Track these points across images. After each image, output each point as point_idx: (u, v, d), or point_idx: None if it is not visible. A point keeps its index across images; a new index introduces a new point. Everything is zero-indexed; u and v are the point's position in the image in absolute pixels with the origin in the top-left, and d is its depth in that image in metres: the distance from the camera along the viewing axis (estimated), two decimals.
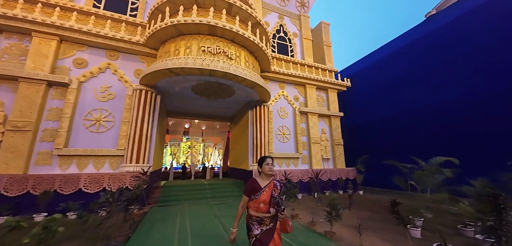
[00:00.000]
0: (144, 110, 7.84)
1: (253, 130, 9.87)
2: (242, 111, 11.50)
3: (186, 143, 23.46)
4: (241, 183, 10.01)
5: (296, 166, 10.88)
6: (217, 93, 8.84)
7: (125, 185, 7.00)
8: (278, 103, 11.29)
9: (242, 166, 10.60)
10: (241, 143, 11.30)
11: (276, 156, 10.33)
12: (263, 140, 9.62)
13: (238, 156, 11.89)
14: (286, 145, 10.92)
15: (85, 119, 7.44)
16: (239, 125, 12.06)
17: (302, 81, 11.93)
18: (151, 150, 8.01)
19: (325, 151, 11.87)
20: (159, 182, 10.30)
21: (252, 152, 9.68)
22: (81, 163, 7.10)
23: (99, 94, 7.81)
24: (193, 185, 9.39)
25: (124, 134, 7.66)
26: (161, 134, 10.29)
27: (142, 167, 7.27)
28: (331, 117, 12.57)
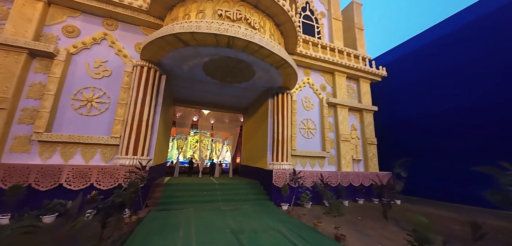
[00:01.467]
0: (146, 91, 6.40)
1: (274, 122, 8.23)
2: (259, 100, 9.87)
3: (193, 137, 22.29)
4: (257, 185, 8.41)
5: (322, 167, 9.13)
6: (233, 75, 7.26)
7: (117, 181, 5.60)
8: (302, 92, 9.56)
9: (258, 164, 9.00)
10: (258, 138, 9.70)
11: (299, 154, 8.64)
12: (285, 134, 7.96)
13: (253, 152, 10.30)
14: (311, 141, 9.20)
15: (74, 99, 6.10)
16: (255, 117, 10.45)
17: (331, 68, 10.12)
18: (152, 139, 6.58)
19: (356, 151, 10.03)
20: (163, 178, 8.92)
21: (272, 148, 8.04)
22: (67, 151, 5.77)
23: (92, 70, 6.45)
24: (201, 184, 7.91)
25: (120, 119, 6.26)
26: (166, 123, 8.88)
27: (140, 160, 5.84)
28: (363, 111, 10.67)
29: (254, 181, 8.97)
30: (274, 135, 8.06)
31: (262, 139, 8.96)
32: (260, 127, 9.35)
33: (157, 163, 7.32)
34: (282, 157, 7.79)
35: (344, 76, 10.58)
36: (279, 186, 7.40)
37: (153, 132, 6.65)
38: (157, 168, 7.32)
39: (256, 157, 9.54)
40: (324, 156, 9.19)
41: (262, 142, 8.82)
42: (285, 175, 7.58)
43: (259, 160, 9.03)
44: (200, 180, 9.52)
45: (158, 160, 7.68)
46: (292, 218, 5.73)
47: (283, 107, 8.24)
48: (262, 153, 8.67)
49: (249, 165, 10.71)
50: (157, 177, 7.40)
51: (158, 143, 7.17)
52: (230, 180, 9.81)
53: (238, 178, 10.84)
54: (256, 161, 9.49)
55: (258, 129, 9.77)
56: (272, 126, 8.31)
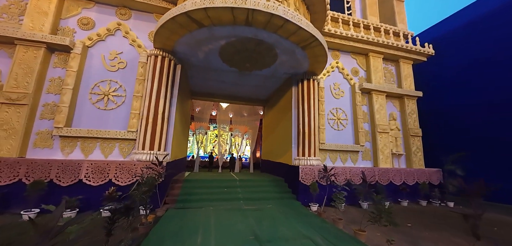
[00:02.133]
0: (161, 82, 5.97)
1: (298, 113, 7.30)
2: (281, 90, 8.96)
3: (213, 132, 22.31)
4: (280, 182, 7.65)
5: (355, 163, 7.98)
6: (253, 60, 6.46)
7: (135, 177, 5.31)
8: (330, 78, 8.39)
9: (282, 159, 8.20)
10: (280, 131, 8.86)
11: (328, 148, 7.60)
12: (312, 126, 6.99)
13: (274, 146, 9.52)
14: (341, 133, 8.06)
15: (92, 93, 5.94)
16: (276, 109, 9.60)
17: (364, 49, 8.70)
18: (169, 133, 6.19)
19: (396, 144, 8.59)
20: (183, 174, 8.68)
21: (297, 141, 7.15)
22: (86, 146, 5.64)
23: (108, 62, 6.21)
24: (221, 180, 7.42)
25: (136, 112, 5.96)
26: (183, 117, 8.54)
27: (157, 155, 5.47)
28: (404, 98, 9.09)
29: (277, 177, 8.21)
30: (299, 127, 7.14)
31: (285, 131, 8.10)
32: (283, 119, 8.49)
33: (175, 158, 6.99)
34: (309, 151, 6.87)
35: (380, 57, 9.06)
36: (306, 183, 6.53)
37: (170, 125, 6.25)
38: (175, 163, 7.00)
39: (279, 151, 8.74)
40: (358, 150, 7.99)
41: (285, 135, 7.97)
42: (313, 172, 6.68)
43: (282, 155, 8.22)
44: (220, 175, 9.09)
45: (176, 154, 7.35)
46: (325, 223, 4.86)
47: (309, 96, 7.24)
48: (286, 147, 7.84)
49: (270, 160, 9.97)
50: (175, 172, 7.08)
51: (175, 137, 6.80)
52: (251, 175, 9.21)
53: (259, 174, 10.20)
54: (278, 156, 8.70)
55: (280, 121, 8.92)
56: (296, 117, 7.39)
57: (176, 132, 6.89)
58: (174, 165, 6.87)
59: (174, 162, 6.87)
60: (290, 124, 7.56)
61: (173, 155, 6.55)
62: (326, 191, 5.99)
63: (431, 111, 10.34)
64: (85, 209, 4.87)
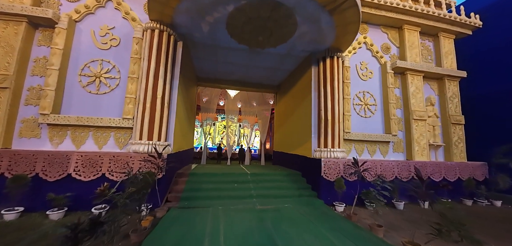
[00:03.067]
0: (159, 61, 5.08)
1: (319, 97, 6.22)
2: (297, 71, 7.84)
3: (221, 123, 21.61)
4: (297, 176, 6.72)
5: (385, 156, 6.85)
6: (267, 33, 5.37)
7: (132, 171, 4.56)
8: (357, 57, 7.13)
9: (298, 150, 7.22)
10: (295, 119, 7.83)
11: (354, 137, 6.50)
12: (336, 112, 5.91)
13: (289, 136, 8.53)
14: (369, 121, 6.90)
15: (81, 75, 5.16)
16: (291, 94, 8.51)
17: (398, 19, 7.28)
18: (170, 121, 5.36)
19: (433, 134, 7.32)
20: (190, 166, 7.97)
21: (318, 130, 6.13)
22: (78, 136, 4.94)
23: (99, 38, 5.37)
24: (231, 174, 6.60)
25: (131, 96, 5.14)
26: (188, 103, 7.69)
27: (156, 146, 4.68)
28: (444, 79, 7.67)
29: (293, 171, 7.28)
30: (320, 114, 6.08)
31: (302, 119, 7.07)
32: (299, 105, 7.42)
33: (179, 149, 6.21)
34: (333, 141, 5.83)
35: (416, 30, 7.61)
36: (330, 179, 5.56)
37: (171, 112, 5.41)
38: (179, 155, 6.22)
39: (294, 141, 7.76)
40: (388, 141, 6.83)
41: (303, 123, 6.94)
42: (338, 166, 5.67)
43: (298, 146, 7.24)
44: (229, 168, 8.29)
45: (180, 145, 6.57)
46: (360, 230, 3.91)
47: (332, 77, 6.10)
48: (303, 137, 6.83)
49: (284, 152, 9.03)
50: (179, 165, 6.32)
51: (178, 126, 5.98)
52: (263, 169, 8.34)
53: (271, 167, 9.32)
54: (294, 147, 7.72)
55: (295, 108, 7.86)
56: (316, 102, 6.31)
57: (179, 120, 6.06)
58: (178, 157, 6.10)
59: (178, 154, 6.09)
60: (308, 111, 6.50)
61: (176, 145, 5.76)
62: (357, 189, 4.98)
63: (473, 96, 8.82)
64: (75, 208, 4.22)
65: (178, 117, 5.89)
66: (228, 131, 14.77)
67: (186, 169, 6.79)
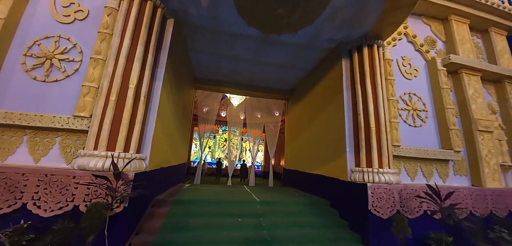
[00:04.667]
0: (136, 37, 3.57)
1: (354, 97, 4.63)
2: (319, 69, 6.33)
3: (222, 136, 19.96)
4: (325, 206, 4.86)
5: (445, 180, 5.02)
6: (289, 8, 3.90)
7: (73, 200, 2.84)
8: (396, 51, 5.62)
9: (324, 170, 5.43)
10: (318, 128, 6.15)
11: (405, 153, 4.74)
12: (381, 117, 4.24)
13: (308, 151, 6.76)
14: (420, 131, 5.18)
15: (27, 55, 3.63)
16: (310, 98, 6.93)
17: (443, 8, 5.90)
18: (148, 124, 3.71)
19: (501, 151, 5.54)
20: (180, 187, 6.15)
21: (355, 142, 4.43)
22: (4, 142, 3.28)
23: (60, 9, 3.92)
24: (233, 202, 4.75)
25: (91, 85, 3.53)
26: (180, 105, 6.09)
27: (117, 158, 2.98)
28: (504, 81, 6.07)
29: (317, 198, 5.41)
30: (358, 120, 4.41)
31: (329, 128, 5.39)
32: (323, 110, 5.78)
33: (161, 164, 4.47)
34: (380, 159, 4.08)
35: (465, 23, 6.19)
36: (382, 216, 3.72)
37: (151, 111, 3.78)
38: (160, 174, 4.46)
39: (316, 158, 6.00)
40: (447, 159, 5.04)
41: (330, 134, 5.25)
42: (391, 195, 3.86)
43: (323, 163, 5.46)
44: (230, 191, 6.39)
45: (165, 159, 4.84)
46: None
47: (373, 70, 4.53)
48: (331, 152, 5.10)
49: (298, 170, 7.21)
50: (159, 188, 4.52)
51: (162, 133, 4.31)
52: (274, 193, 6.45)
53: (284, 190, 7.40)
54: (315, 165, 5.94)
55: (317, 114, 6.22)
56: (350, 105, 4.69)
57: (164, 125, 4.41)
58: (159, 176, 4.34)
59: (159, 172, 4.33)
60: (338, 117, 4.85)
61: (157, 159, 4.04)
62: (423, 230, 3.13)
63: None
64: None
65: (163, 121, 4.25)
66: (229, 145, 13.01)
67: (172, 193, 4.97)
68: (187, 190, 5.67)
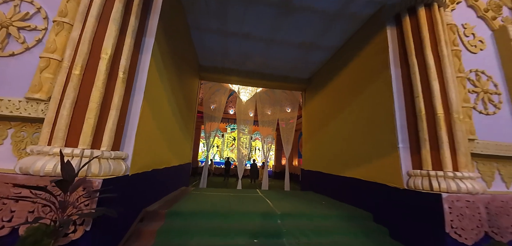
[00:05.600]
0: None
1: (404, 75, 3.44)
2: (350, 45, 5.15)
3: (230, 134, 19.05)
4: (368, 222, 3.69)
5: None
6: None
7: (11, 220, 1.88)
8: (454, 16, 4.33)
9: (362, 172, 4.25)
10: (348, 120, 4.97)
11: (481, 149, 3.47)
12: (452, 98, 3.01)
13: (335, 148, 5.58)
14: (492, 121, 3.87)
15: None
16: (336, 84, 5.76)
17: None
18: (132, 109, 2.74)
19: None
20: (182, 191, 5.20)
21: (410, 134, 3.24)
22: None
23: None
24: (245, 213, 3.71)
25: (52, 56, 2.61)
26: (180, 93, 5.11)
27: (75, 157, 2.02)
28: None
29: (351, 207, 4.23)
30: (418, 105, 3.20)
31: (366, 118, 4.22)
32: (358, 96, 4.60)
33: (154, 165, 3.49)
34: (454, 158, 2.87)
35: None
36: (466, 242, 2.52)
37: (135, 93, 2.80)
38: (153, 177, 3.48)
39: (348, 157, 4.82)
40: None
41: (369, 125, 4.09)
42: (476, 211, 2.65)
43: (360, 164, 4.28)
44: (242, 198, 5.29)
45: (161, 159, 3.87)
46: None
47: (436, 37, 3.34)
48: (371, 149, 3.93)
49: (321, 172, 6.05)
50: (150, 197, 3.53)
51: (157, 125, 3.34)
52: (295, 201, 5.28)
53: (305, 196, 6.20)
54: (348, 166, 4.76)
55: (348, 102, 5.03)
56: (401, 84, 3.51)
57: (160, 115, 3.44)
58: (150, 180, 3.36)
59: (150, 175, 3.34)
60: (383, 102, 3.69)
61: (146, 158, 3.07)
62: None
63: None
64: None
65: (156, 109, 3.27)
66: (238, 144, 12.03)
67: (169, 201, 4.00)
68: (189, 196, 4.69)
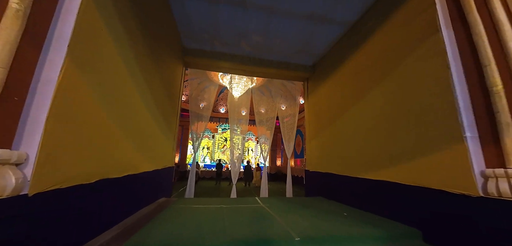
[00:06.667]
0: None
1: (461, 39, 2.47)
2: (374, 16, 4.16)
3: (221, 135, 17.74)
4: (414, 241, 2.67)
5: None
6: None
7: None
8: None
9: (397, 174, 3.22)
10: (374, 107, 3.96)
11: None
12: None
13: (358, 145, 4.52)
14: None
15: None
16: (352, 67, 4.75)
17: None
18: (43, 74, 1.51)
19: None
20: (166, 201, 3.93)
21: (479, 119, 2.23)
22: None
23: None
24: (249, 242, 2.54)
25: None
26: (156, 75, 3.85)
27: None
28: None
29: (387, 221, 3.18)
30: (490, 76, 2.21)
31: (405, 102, 3.22)
32: (390, 74, 3.59)
33: (106, 174, 2.23)
34: None
35: None
36: None
37: (52, 46, 1.58)
38: (98, 189, 2.20)
39: (377, 154, 3.79)
40: None
41: (410, 111, 3.08)
42: None
43: (396, 163, 3.24)
44: (239, 214, 4.01)
45: (116, 163, 2.61)
46: None
47: None
48: (413, 142, 2.92)
49: (334, 174, 5.00)
50: (103, 220, 2.20)
51: (110, 109, 2.10)
52: (309, 214, 4.03)
53: (319, 206, 5.00)
54: (377, 165, 3.71)
55: (373, 83, 4.02)
56: (455, 52, 2.53)
57: (116, 95, 2.20)
58: (92, 197, 2.08)
59: (95, 188, 2.06)
60: (432, 77, 2.71)
61: (87, 162, 1.82)
62: None
63: None
64: None
65: (104, 85, 2.05)
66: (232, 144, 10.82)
67: (134, 224, 2.75)
68: (168, 212, 3.44)
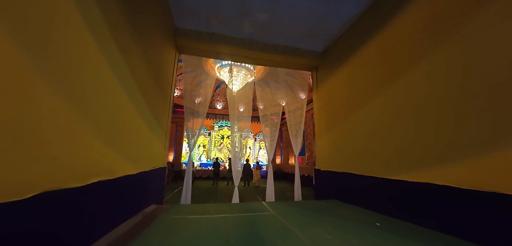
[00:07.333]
0: None
1: None
2: None
3: (218, 132, 16.89)
4: None
5: None
6: None
7: None
8: None
9: (433, 176, 2.54)
10: (416, 92, 3.25)
11: None
12: None
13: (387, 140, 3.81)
14: None
15: None
16: (378, 46, 4.03)
17: None
18: None
19: None
20: (156, 209, 3.14)
21: None
22: None
23: None
24: None
25: None
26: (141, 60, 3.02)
27: None
28: None
29: (444, 236, 2.52)
30: None
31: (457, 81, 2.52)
32: (433, 51, 2.89)
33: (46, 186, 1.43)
34: None
35: None
36: None
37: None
38: (33, 207, 1.39)
39: (408, 152, 3.10)
40: None
41: (468, 92, 2.38)
42: None
43: (448, 160, 2.55)
44: (246, 223, 3.30)
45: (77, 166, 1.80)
46: None
47: None
48: (478, 133, 2.23)
49: (356, 174, 4.30)
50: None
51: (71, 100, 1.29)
52: (332, 229, 3.40)
53: (337, 213, 4.35)
54: (415, 165, 3.03)
55: (409, 65, 3.31)
56: None
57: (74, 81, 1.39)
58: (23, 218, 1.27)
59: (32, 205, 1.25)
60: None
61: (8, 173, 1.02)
62: None
63: None
64: None
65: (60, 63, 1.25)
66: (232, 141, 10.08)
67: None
68: (155, 228, 2.66)
